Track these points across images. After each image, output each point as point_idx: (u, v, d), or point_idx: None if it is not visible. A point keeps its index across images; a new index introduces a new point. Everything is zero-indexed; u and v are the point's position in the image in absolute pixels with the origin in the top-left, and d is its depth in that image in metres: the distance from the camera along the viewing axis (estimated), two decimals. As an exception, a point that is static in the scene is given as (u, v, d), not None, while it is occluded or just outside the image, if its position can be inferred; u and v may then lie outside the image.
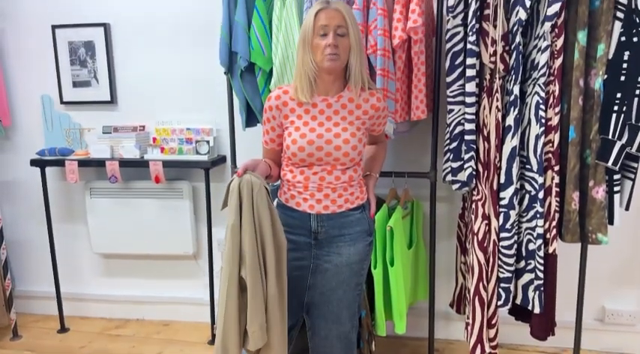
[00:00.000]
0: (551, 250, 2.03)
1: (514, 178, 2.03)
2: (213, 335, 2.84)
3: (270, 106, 1.80)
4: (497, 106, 2.03)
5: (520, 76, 1.99)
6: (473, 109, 2.06)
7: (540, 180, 1.98)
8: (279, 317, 1.70)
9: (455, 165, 2.15)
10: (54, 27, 2.87)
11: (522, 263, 2.10)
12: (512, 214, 2.05)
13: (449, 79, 2.10)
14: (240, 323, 1.67)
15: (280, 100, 1.78)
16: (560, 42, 1.92)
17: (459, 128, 2.12)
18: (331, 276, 1.81)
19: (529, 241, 2.07)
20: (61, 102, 2.96)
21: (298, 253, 1.82)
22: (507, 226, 2.06)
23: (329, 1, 1.70)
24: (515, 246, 2.09)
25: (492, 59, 2.02)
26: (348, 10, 1.71)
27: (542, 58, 1.93)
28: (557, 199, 2.00)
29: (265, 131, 1.86)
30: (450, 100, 2.12)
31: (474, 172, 2.10)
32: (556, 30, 1.91)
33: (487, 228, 2.10)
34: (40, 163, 2.84)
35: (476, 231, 2.11)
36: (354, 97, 1.76)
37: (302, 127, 1.74)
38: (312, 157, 1.73)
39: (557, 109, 1.95)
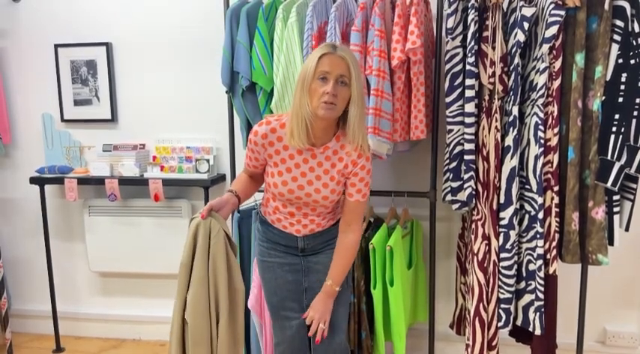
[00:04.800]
0: (551, 271, 2.02)
1: (514, 199, 2.03)
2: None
3: (256, 142, 1.74)
4: (496, 127, 2.05)
5: (519, 96, 2.01)
6: (472, 130, 2.07)
7: (540, 200, 1.99)
8: None
9: (454, 185, 2.15)
10: (56, 46, 2.90)
11: (523, 284, 2.09)
12: (512, 234, 2.05)
13: (448, 100, 2.12)
14: None
15: (267, 140, 1.72)
16: (558, 64, 1.94)
17: (458, 148, 2.13)
18: (322, 276, 1.83)
19: (529, 261, 2.06)
20: (62, 120, 2.97)
21: (289, 260, 1.86)
22: (507, 246, 2.06)
23: (336, 46, 1.62)
24: (516, 266, 2.08)
25: (491, 80, 2.04)
26: (354, 58, 1.63)
27: (540, 80, 1.95)
28: (557, 219, 2.00)
29: (248, 157, 1.82)
30: (449, 120, 2.13)
31: (474, 192, 2.11)
32: (554, 52, 1.94)
33: (487, 248, 2.10)
34: (39, 181, 2.84)
35: (476, 251, 2.10)
36: (338, 149, 1.73)
37: (285, 172, 1.74)
38: (291, 201, 1.78)
39: (556, 130, 1.97)
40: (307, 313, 1.79)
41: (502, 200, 2.06)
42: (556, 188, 1.99)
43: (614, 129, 1.92)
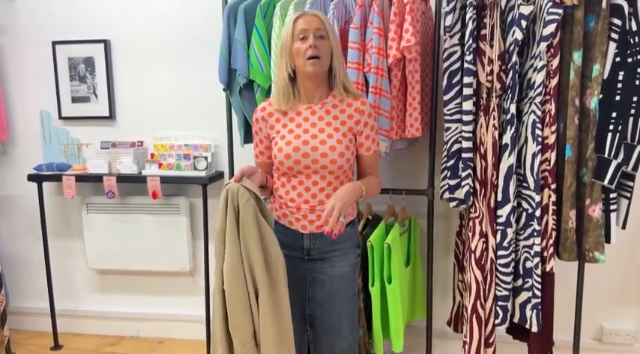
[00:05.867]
0: (548, 269, 2.03)
1: (511, 196, 2.04)
2: None
3: (257, 119, 1.82)
4: (494, 125, 2.05)
5: (516, 94, 2.01)
6: (470, 127, 2.07)
7: (537, 198, 1.99)
8: (273, 338, 1.63)
9: (452, 182, 2.16)
10: (54, 43, 2.89)
11: (520, 281, 2.10)
12: (510, 231, 2.05)
13: (446, 98, 2.12)
14: (227, 339, 1.64)
15: (265, 112, 1.81)
16: (555, 62, 1.94)
17: (456, 146, 2.14)
18: (328, 287, 1.82)
19: (526, 259, 2.07)
20: (60, 117, 2.97)
21: (293, 267, 1.82)
22: (505, 243, 2.06)
23: (305, 11, 1.76)
24: (513, 264, 2.09)
25: (489, 78, 2.04)
26: (325, 16, 1.74)
27: (538, 78, 1.95)
28: (554, 217, 2.01)
29: (255, 144, 1.88)
30: (447, 118, 2.13)
31: (472, 190, 2.11)
32: (552, 50, 1.94)
33: (484, 246, 2.10)
34: (37, 178, 2.84)
35: (473, 249, 2.11)
36: (338, 103, 1.77)
37: (287, 134, 1.75)
38: (299, 165, 1.72)
39: (553, 128, 1.97)
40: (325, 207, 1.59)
41: (499, 198, 2.06)
42: (553, 186, 1.99)
43: (611, 127, 1.92)
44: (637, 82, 1.89)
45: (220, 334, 1.64)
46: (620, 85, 1.90)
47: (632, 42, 1.88)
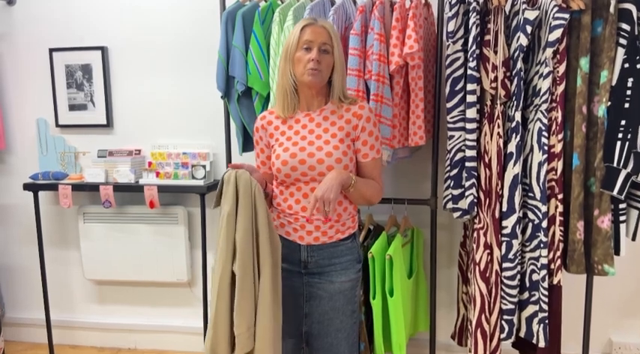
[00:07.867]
0: (555, 281, 1.98)
1: (516, 207, 1.98)
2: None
3: (257, 128, 1.83)
4: (498, 133, 2.00)
5: (522, 102, 1.96)
6: (474, 136, 2.02)
7: (544, 208, 1.94)
8: (271, 323, 1.63)
9: (456, 192, 2.11)
10: (51, 50, 2.86)
11: (526, 294, 2.04)
12: (515, 243, 2.00)
13: (449, 105, 2.07)
14: (231, 324, 1.62)
15: (265, 120, 1.81)
16: (562, 68, 1.90)
17: (459, 155, 2.09)
18: (326, 303, 1.77)
19: (533, 271, 2.01)
20: (57, 125, 2.93)
21: (290, 282, 1.78)
22: (510, 255, 2.01)
23: (316, 19, 1.72)
24: (519, 276, 2.03)
25: (493, 85, 1.99)
26: (334, 29, 1.73)
27: (544, 85, 1.91)
28: (562, 228, 1.96)
29: (257, 154, 1.88)
30: (450, 126, 2.09)
31: (475, 200, 2.06)
32: (558, 56, 1.89)
33: (489, 257, 2.04)
34: (33, 187, 2.79)
35: (477, 260, 2.05)
36: (336, 109, 1.75)
37: (285, 142, 1.74)
38: (296, 172, 1.70)
39: (560, 136, 1.92)
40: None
41: (504, 208, 2.01)
42: (560, 196, 1.94)
43: (620, 135, 1.87)
44: (647, 89, 1.84)
45: (224, 323, 1.61)
46: (629, 92, 1.85)
47: (641, 47, 1.83)
